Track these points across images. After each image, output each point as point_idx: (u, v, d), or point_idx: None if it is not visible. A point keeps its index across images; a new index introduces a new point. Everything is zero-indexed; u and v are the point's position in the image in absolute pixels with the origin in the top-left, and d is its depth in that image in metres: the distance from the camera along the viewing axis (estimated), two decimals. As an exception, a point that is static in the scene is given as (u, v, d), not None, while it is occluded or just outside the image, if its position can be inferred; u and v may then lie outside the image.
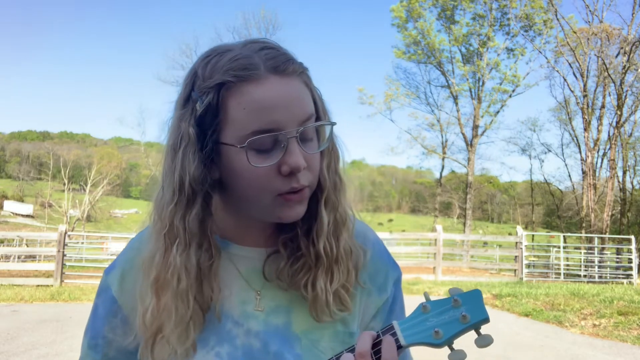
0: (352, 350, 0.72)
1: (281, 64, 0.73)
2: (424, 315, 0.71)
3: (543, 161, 46.96)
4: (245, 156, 0.72)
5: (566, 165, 38.16)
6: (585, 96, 27.08)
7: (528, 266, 14.16)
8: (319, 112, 0.78)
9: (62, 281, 11.63)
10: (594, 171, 27.11)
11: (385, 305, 0.90)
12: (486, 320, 0.70)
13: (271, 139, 0.72)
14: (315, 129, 0.78)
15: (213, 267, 0.78)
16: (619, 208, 29.28)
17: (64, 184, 56.26)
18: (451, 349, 0.70)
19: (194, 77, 0.75)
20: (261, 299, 0.82)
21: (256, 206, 0.76)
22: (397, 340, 0.70)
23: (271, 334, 0.80)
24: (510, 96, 30.41)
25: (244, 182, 0.74)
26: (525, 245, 13.59)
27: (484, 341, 0.68)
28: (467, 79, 30.56)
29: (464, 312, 0.70)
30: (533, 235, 24.35)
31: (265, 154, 0.72)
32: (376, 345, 0.70)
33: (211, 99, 0.72)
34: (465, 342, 0.77)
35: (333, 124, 0.79)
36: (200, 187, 0.75)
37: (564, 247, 17.49)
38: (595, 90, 27.43)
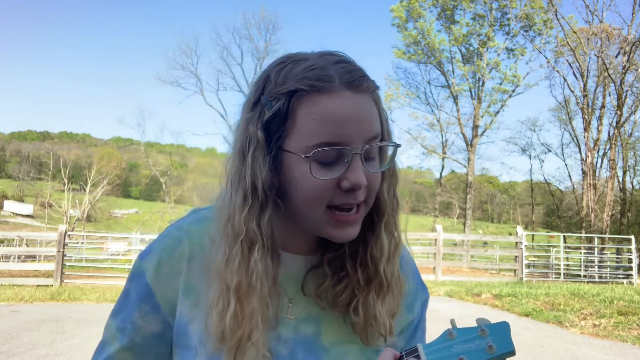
0: None
1: (356, 79, 0.73)
2: (449, 342, 0.71)
3: (543, 161, 47.00)
4: (308, 166, 0.72)
5: (566, 165, 38.31)
6: (585, 96, 27.09)
7: (528, 266, 14.15)
8: (384, 133, 0.78)
9: (62, 281, 11.64)
10: (594, 171, 27.12)
11: (410, 326, 0.91)
12: (512, 353, 0.69)
13: (336, 152, 0.72)
14: (378, 150, 0.78)
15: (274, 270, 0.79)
16: (619, 208, 29.28)
17: (64, 184, 56.17)
18: None
19: (266, 81, 0.75)
20: (293, 307, 0.82)
21: (309, 218, 0.76)
22: None
23: (299, 343, 0.81)
24: (510, 96, 30.47)
25: (301, 192, 0.74)
26: (525, 245, 13.59)
27: None
28: (467, 79, 30.62)
29: (490, 342, 0.69)
30: (533, 235, 24.40)
31: (328, 166, 0.72)
32: None
33: (281, 105, 0.72)
34: None
35: (398, 145, 0.79)
36: (270, 192, 0.75)
37: (564, 247, 17.51)
38: (595, 90, 27.46)
